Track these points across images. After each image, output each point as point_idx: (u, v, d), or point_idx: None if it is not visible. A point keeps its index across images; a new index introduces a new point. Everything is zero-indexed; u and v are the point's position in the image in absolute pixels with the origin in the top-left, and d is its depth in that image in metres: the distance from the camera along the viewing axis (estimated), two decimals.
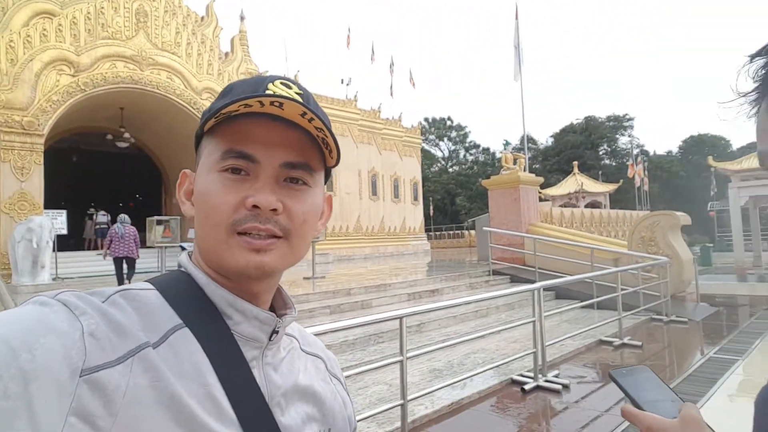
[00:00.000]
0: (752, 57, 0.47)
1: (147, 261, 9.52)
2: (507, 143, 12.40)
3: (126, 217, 8.98)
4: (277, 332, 0.56)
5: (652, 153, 43.98)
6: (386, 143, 21.33)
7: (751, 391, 4.43)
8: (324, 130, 0.53)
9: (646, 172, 31.56)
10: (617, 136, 46.19)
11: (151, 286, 0.53)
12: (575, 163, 29.53)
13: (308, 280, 9.08)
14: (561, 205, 20.80)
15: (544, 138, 50.59)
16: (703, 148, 39.82)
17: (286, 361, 0.58)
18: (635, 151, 38.31)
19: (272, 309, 0.59)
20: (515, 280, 9.70)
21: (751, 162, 16.03)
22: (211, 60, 14.59)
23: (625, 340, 6.08)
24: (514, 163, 11.68)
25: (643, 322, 7.44)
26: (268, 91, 0.52)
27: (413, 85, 24.45)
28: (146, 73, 12.92)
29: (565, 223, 13.05)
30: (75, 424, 0.39)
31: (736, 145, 41.16)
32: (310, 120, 0.52)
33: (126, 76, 12.49)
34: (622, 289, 6.42)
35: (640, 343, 6.04)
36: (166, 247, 8.14)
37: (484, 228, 10.80)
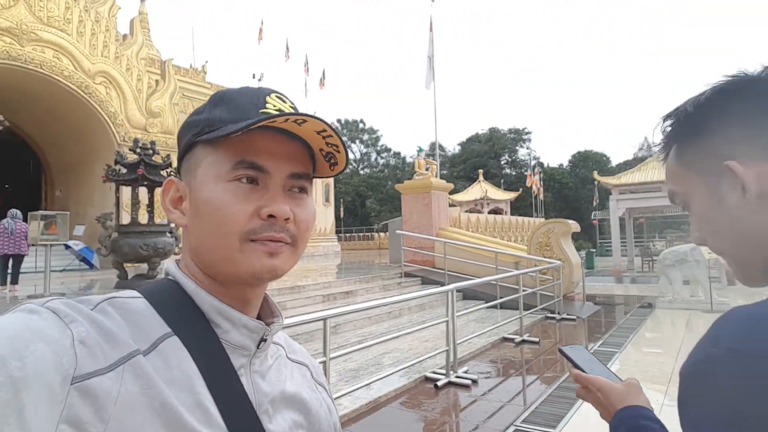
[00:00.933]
0: (664, 118, 0.65)
1: (25, 260, 8.53)
2: (420, 149, 12.91)
3: (18, 212, 8.18)
4: (265, 340, 0.57)
5: (546, 165, 48.17)
6: None
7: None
8: (339, 145, 0.57)
9: (542, 183, 34.56)
10: (517, 147, 50.05)
11: (138, 295, 0.54)
12: (480, 171, 31.48)
13: None
14: (467, 211, 22.06)
15: (451, 145, 53.26)
16: (588, 162, 44.48)
17: (274, 369, 0.60)
18: (532, 163, 41.76)
19: (259, 317, 0.60)
20: (426, 281, 10.14)
21: (628, 178, 18.37)
22: (107, 41, 13.39)
23: (525, 337, 6.67)
24: (426, 169, 12.19)
25: (539, 320, 8.21)
26: (267, 105, 0.55)
27: (322, 85, 24.33)
28: (27, 49, 11.53)
29: (472, 227, 13.90)
30: (66, 431, 0.40)
31: (614, 161, 46.61)
32: (325, 137, 0.55)
33: (1, 51, 11.04)
34: (523, 290, 7.04)
35: (537, 340, 6.67)
36: (51, 245, 7.34)
37: (397, 231, 11.15)
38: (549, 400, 4.33)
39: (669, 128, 0.64)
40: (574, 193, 43.40)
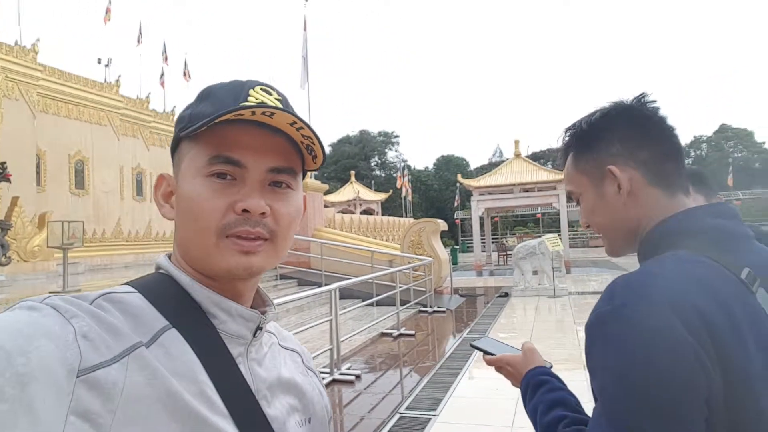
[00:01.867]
0: (565, 131, 0.85)
1: None
2: None
3: None
4: (260, 329, 0.59)
5: (413, 167, 51.06)
6: (155, 138, 19.24)
7: None
8: (312, 137, 0.57)
9: (410, 184, 36.57)
10: (386, 150, 52.21)
11: (132, 289, 0.54)
12: (352, 172, 32.18)
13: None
14: (340, 211, 22.41)
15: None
16: (450, 165, 48.24)
17: (269, 357, 0.62)
18: (401, 165, 43.92)
19: (252, 307, 0.61)
20: (302, 283, 10.12)
21: (487, 180, 20.45)
22: None
23: (402, 331, 7.06)
24: None
25: (413, 314, 8.75)
26: (250, 98, 0.56)
27: (188, 77, 22.61)
28: None
29: (346, 228, 14.19)
30: (75, 422, 0.41)
31: (473, 165, 51.26)
32: (299, 129, 0.56)
33: None
34: (400, 287, 7.44)
35: (413, 332, 7.11)
36: None
37: None
38: (428, 387, 4.68)
39: (567, 139, 0.86)
40: (438, 194, 46.70)
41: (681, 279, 0.66)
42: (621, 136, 0.79)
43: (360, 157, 49.04)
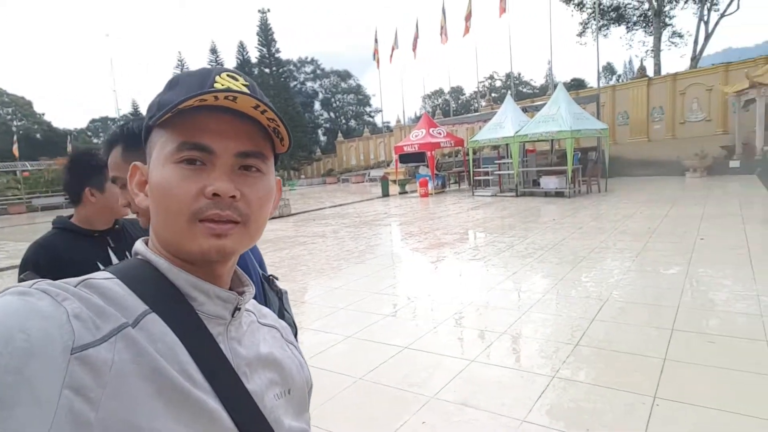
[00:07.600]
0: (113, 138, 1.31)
1: None
2: None
3: None
4: (239, 309, 0.64)
5: None
6: None
7: None
8: (276, 120, 0.61)
9: None
10: None
11: (111, 275, 0.58)
12: None
13: None
14: None
15: None
16: None
17: (248, 334, 0.67)
18: None
19: (231, 288, 0.66)
20: None
21: None
22: None
23: None
24: None
25: None
26: (216, 84, 0.60)
27: None
28: None
29: None
30: (69, 396, 0.45)
31: None
32: (263, 112, 0.60)
33: None
34: None
35: None
36: None
37: None
38: None
39: (106, 154, 1.33)
40: None
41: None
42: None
43: None
